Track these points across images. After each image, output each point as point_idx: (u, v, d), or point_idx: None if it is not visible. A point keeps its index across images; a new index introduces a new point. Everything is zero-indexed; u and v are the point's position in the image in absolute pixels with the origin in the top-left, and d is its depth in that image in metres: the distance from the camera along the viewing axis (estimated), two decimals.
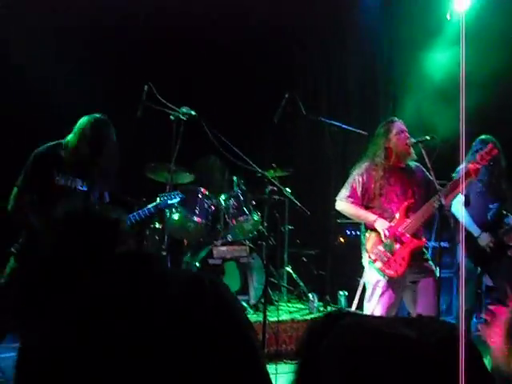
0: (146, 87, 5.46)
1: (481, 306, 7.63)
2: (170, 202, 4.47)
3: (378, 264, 4.60)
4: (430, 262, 4.71)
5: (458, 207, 5.38)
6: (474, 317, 5.78)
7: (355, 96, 8.03)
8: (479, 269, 5.52)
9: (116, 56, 7.45)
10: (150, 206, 4.37)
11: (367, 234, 4.72)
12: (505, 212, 5.53)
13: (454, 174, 5.32)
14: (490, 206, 5.43)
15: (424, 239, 4.69)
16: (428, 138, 4.61)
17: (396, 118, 4.94)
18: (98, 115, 4.13)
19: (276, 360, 4.65)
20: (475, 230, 5.36)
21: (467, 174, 4.61)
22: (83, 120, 4.10)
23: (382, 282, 4.59)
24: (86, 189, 4.11)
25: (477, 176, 4.66)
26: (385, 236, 4.57)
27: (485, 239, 5.32)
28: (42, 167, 3.94)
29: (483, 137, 5.37)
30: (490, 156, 4.62)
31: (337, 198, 4.88)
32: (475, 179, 4.76)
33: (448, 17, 6.63)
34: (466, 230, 5.43)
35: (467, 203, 5.44)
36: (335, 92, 8.34)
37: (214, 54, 7.87)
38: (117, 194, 4.39)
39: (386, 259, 4.57)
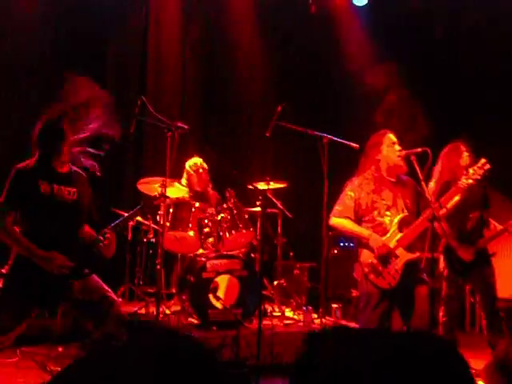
0: (138, 101, 5.47)
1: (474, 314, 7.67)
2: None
3: (372, 276, 4.62)
4: (424, 274, 4.73)
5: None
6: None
7: (346, 109, 8.07)
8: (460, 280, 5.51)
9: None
10: (134, 210, 4.38)
11: (360, 247, 4.74)
12: (485, 220, 5.53)
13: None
14: (470, 216, 5.41)
15: (418, 253, 4.71)
16: (419, 150, 4.63)
17: (387, 130, 4.97)
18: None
19: (271, 373, 4.63)
20: (454, 242, 5.33)
21: (459, 189, 4.64)
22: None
23: (376, 293, 4.61)
24: (74, 198, 4.09)
25: (468, 192, 4.69)
26: (377, 253, 4.58)
27: (463, 251, 5.29)
28: (24, 181, 3.93)
29: (456, 144, 5.37)
30: (483, 170, 4.65)
31: (330, 215, 4.90)
32: (467, 193, 4.77)
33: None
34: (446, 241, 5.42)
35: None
36: (327, 104, 8.38)
37: None
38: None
39: (379, 272, 4.59)
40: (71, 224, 4.06)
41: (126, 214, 5.26)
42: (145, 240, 6.67)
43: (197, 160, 6.75)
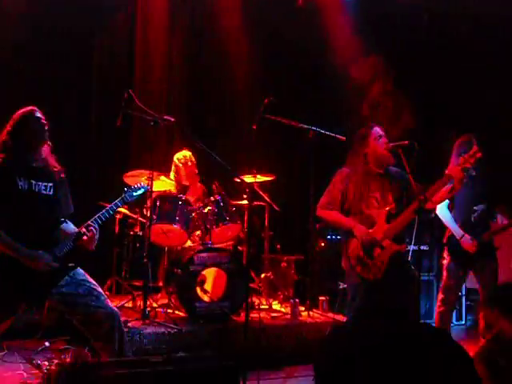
0: (125, 94, 5.45)
1: (461, 308, 7.73)
2: (135, 193, 4.45)
3: (359, 268, 4.63)
4: (411, 266, 4.75)
5: (443, 210, 5.45)
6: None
7: (334, 101, 8.06)
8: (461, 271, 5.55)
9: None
10: (116, 201, 4.34)
11: (347, 239, 4.74)
12: (491, 213, 5.57)
13: None
14: (475, 208, 5.46)
15: (404, 245, 4.72)
16: (406, 142, 4.64)
17: (374, 123, 4.97)
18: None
19: (258, 366, 4.64)
20: (458, 233, 5.39)
21: (450, 177, 4.66)
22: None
23: (363, 285, 4.62)
24: (51, 193, 4.05)
25: (460, 180, 4.70)
26: (363, 242, 4.60)
27: (466, 242, 5.34)
28: (1, 177, 3.88)
29: (465, 138, 5.41)
30: (474, 159, 4.66)
31: (317, 205, 4.91)
32: (458, 183, 4.77)
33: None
34: (450, 232, 5.46)
35: (451, 205, 5.50)
36: (314, 97, 8.37)
37: None
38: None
39: (365, 263, 4.60)
40: (50, 219, 4.03)
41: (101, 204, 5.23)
42: (131, 233, 6.64)
43: (186, 153, 6.73)
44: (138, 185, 4.54)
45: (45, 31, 7.19)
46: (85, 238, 3.98)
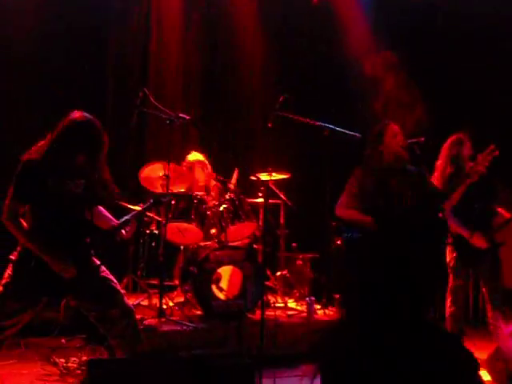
0: (140, 93, 5.47)
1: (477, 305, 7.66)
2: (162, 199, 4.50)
3: None
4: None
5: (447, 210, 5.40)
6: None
7: (349, 98, 8.03)
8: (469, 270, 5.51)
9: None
10: (146, 205, 4.38)
11: None
12: (493, 210, 5.52)
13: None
14: (476, 206, 5.41)
15: None
16: (422, 139, 4.62)
17: (390, 121, 4.95)
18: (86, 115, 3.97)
19: (274, 364, 4.64)
20: (467, 232, 5.34)
21: (468, 176, 4.64)
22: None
23: None
24: (80, 191, 4.05)
25: (477, 178, 4.68)
26: None
27: (478, 239, 5.30)
28: (33, 175, 3.87)
29: (457, 137, 5.37)
30: (491, 157, 4.64)
31: (336, 205, 4.88)
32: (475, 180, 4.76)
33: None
34: (456, 232, 5.41)
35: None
36: (330, 94, 8.34)
37: None
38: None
39: None
40: (80, 217, 4.04)
41: (129, 206, 5.27)
42: (147, 231, 6.66)
43: (197, 156, 6.73)
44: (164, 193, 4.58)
45: (59, 29, 7.22)
46: (123, 231, 4.08)
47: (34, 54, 7.09)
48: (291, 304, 6.72)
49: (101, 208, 4.16)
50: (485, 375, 4.45)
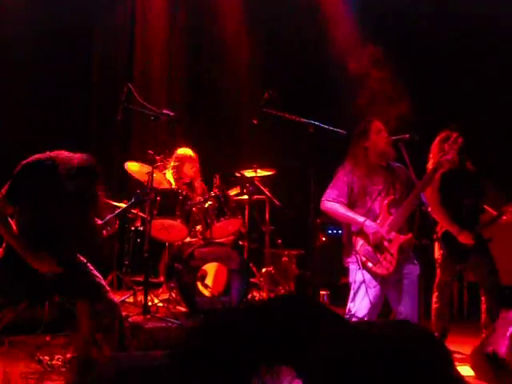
0: (125, 88, 5.45)
1: (462, 302, 7.73)
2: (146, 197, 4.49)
3: (370, 264, 4.61)
4: (415, 260, 4.73)
5: (436, 207, 5.42)
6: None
7: (334, 94, 8.05)
8: (458, 266, 5.55)
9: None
10: (130, 202, 4.38)
11: (354, 235, 4.72)
12: (481, 207, 5.57)
13: None
14: (465, 203, 5.45)
15: (410, 234, 4.69)
16: (407, 136, 4.63)
17: (374, 117, 4.96)
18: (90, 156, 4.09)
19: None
20: (455, 228, 5.37)
21: (439, 165, 4.67)
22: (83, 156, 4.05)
23: (370, 280, 4.60)
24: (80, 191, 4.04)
25: (449, 165, 4.72)
26: (373, 239, 4.57)
27: (466, 236, 5.33)
28: (31, 179, 3.87)
29: (445, 134, 5.41)
30: (457, 145, 4.68)
31: (323, 199, 4.85)
32: (447, 169, 4.82)
33: None
34: (445, 228, 5.45)
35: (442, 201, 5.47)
36: (315, 90, 8.35)
37: None
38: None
39: (376, 259, 4.58)
40: (74, 217, 4.04)
41: (114, 203, 5.25)
42: (132, 228, 6.64)
43: (187, 151, 6.71)
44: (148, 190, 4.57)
45: (45, 28, 7.19)
46: (104, 231, 4.08)
47: (16, 52, 7.06)
48: None
49: None
50: (468, 371, 4.48)
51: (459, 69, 7.76)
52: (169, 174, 6.53)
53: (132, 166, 6.30)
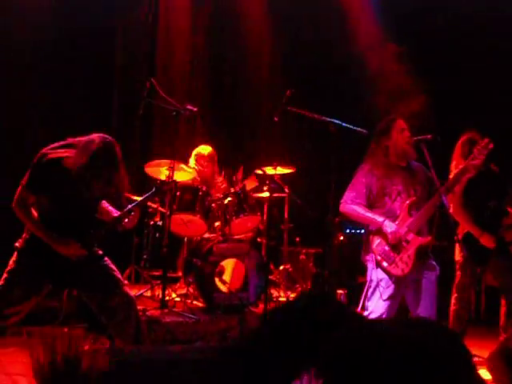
0: (147, 83, 5.46)
1: (480, 304, 7.66)
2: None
3: (385, 264, 4.58)
4: (433, 262, 4.68)
5: (458, 208, 5.37)
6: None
7: (356, 93, 8.01)
8: (479, 269, 5.52)
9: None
10: (149, 193, 4.36)
11: (371, 234, 4.69)
12: (504, 209, 5.51)
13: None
14: (488, 205, 5.40)
15: (429, 237, 4.64)
16: (429, 136, 4.59)
17: (397, 116, 4.91)
18: (107, 137, 4.01)
19: None
20: (477, 230, 5.31)
21: (466, 170, 4.62)
22: (94, 139, 3.95)
23: (386, 280, 4.57)
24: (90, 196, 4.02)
25: (476, 171, 4.67)
26: (392, 239, 4.53)
27: (488, 239, 5.27)
28: (48, 170, 3.85)
29: (468, 136, 5.36)
30: (487, 150, 4.62)
31: (341, 201, 4.81)
32: (473, 175, 4.77)
33: None
34: (467, 229, 5.40)
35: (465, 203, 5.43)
36: (334, 90, 8.33)
37: None
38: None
39: (392, 259, 4.55)
40: (89, 208, 4.05)
41: (135, 198, 5.26)
42: (151, 223, 6.66)
43: (207, 149, 6.72)
44: (166, 179, 4.55)
45: (66, 23, 7.23)
46: (126, 220, 4.01)
47: (41, 50, 7.11)
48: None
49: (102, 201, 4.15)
50: (485, 374, 4.44)
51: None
52: (189, 171, 6.55)
53: (151, 172, 6.29)
